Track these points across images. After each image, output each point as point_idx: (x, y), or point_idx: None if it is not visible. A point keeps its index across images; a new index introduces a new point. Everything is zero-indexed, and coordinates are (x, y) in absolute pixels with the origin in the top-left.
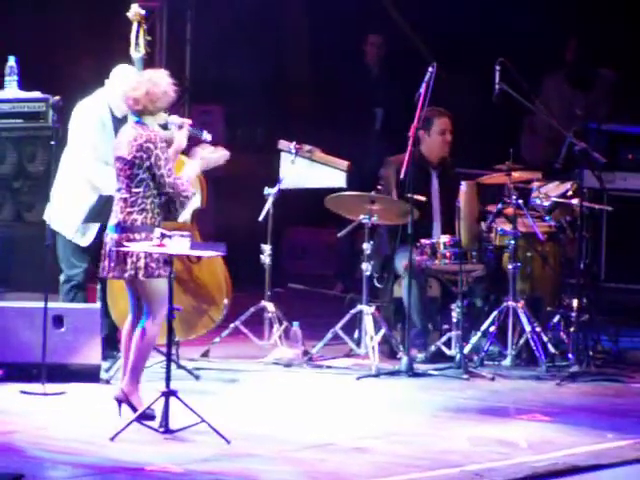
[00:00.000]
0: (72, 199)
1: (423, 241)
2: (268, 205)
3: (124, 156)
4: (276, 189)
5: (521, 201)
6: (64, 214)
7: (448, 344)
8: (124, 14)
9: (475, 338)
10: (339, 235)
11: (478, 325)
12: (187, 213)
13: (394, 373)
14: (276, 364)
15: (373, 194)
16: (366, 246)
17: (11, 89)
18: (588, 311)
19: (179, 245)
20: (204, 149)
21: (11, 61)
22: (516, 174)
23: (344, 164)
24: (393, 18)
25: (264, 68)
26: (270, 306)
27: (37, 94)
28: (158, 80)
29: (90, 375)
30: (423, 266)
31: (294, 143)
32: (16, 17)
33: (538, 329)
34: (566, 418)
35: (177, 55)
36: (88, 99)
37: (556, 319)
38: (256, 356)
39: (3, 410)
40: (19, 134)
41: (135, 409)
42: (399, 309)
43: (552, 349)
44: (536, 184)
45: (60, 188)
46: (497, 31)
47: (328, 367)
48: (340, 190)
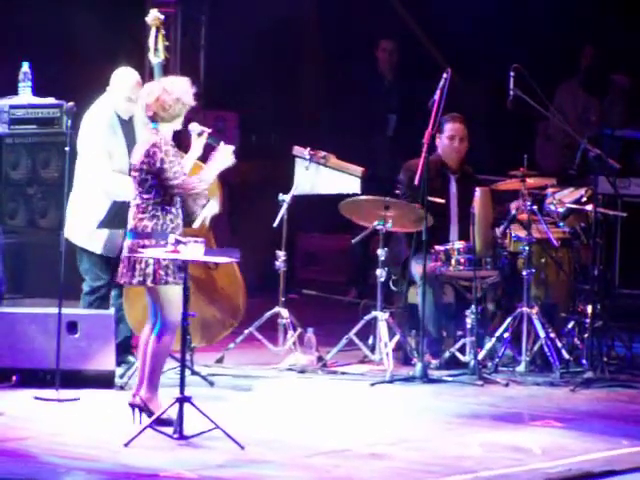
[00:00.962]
0: (93, 213)
1: (437, 247)
2: (282, 211)
3: (135, 162)
4: (290, 195)
5: (535, 207)
6: (88, 229)
7: (462, 350)
8: (139, 19)
9: (489, 344)
10: (353, 241)
11: (492, 331)
12: (206, 219)
13: (408, 379)
14: (290, 370)
15: (388, 199)
16: (380, 252)
17: (25, 95)
18: (602, 317)
19: (193, 251)
20: (222, 151)
21: (25, 67)
22: (530, 180)
23: (358, 170)
24: (406, 24)
25: (278, 74)
26: (284, 312)
27: (51, 100)
28: (172, 87)
29: (104, 381)
30: (437, 272)
31: (308, 149)
32: (29, 20)
33: (552, 335)
34: (580, 424)
35: (191, 61)
36: (94, 107)
37: (570, 325)
38: (270, 362)
39: (17, 416)
40: (33, 140)
41: (153, 415)
42: (413, 315)
43: (566, 355)
44: (550, 190)
45: (78, 202)
46: (512, 37)
47: (342, 373)
48: (355, 196)
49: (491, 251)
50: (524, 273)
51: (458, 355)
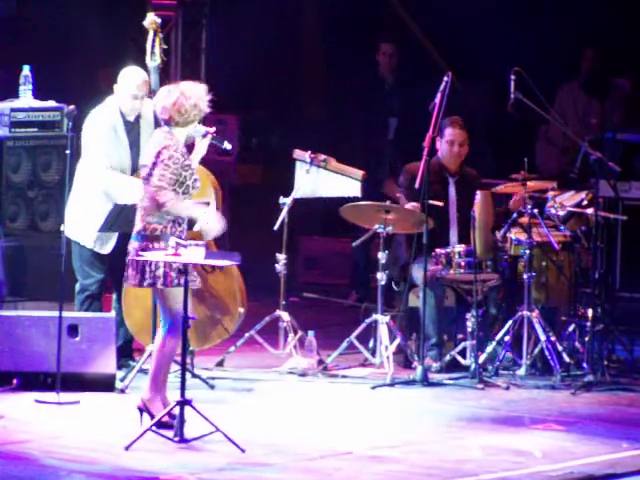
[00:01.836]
0: (89, 208)
1: (438, 250)
2: (283, 214)
3: (146, 163)
4: (291, 198)
5: (536, 210)
6: (83, 224)
7: (463, 353)
8: (140, 23)
9: (490, 348)
10: (354, 244)
11: (493, 335)
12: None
13: (409, 382)
14: (291, 373)
15: (389, 204)
16: (381, 255)
17: (26, 98)
18: (603, 320)
19: (194, 254)
20: (207, 222)
21: (26, 70)
22: (531, 183)
23: (359, 173)
24: (407, 27)
25: (279, 78)
26: (285, 315)
27: (52, 103)
28: (190, 92)
29: (105, 384)
30: (438, 276)
31: (309, 152)
32: (33, 26)
33: (553, 338)
34: (581, 427)
35: (192, 64)
36: (98, 108)
37: (571, 328)
38: (271, 365)
39: (18, 419)
40: (34, 143)
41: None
42: (414, 318)
43: (567, 358)
44: (551, 193)
45: (77, 198)
46: (512, 40)
47: (343, 376)
48: (355, 199)
49: (492, 254)
50: (525, 276)
51: (459, 358)
